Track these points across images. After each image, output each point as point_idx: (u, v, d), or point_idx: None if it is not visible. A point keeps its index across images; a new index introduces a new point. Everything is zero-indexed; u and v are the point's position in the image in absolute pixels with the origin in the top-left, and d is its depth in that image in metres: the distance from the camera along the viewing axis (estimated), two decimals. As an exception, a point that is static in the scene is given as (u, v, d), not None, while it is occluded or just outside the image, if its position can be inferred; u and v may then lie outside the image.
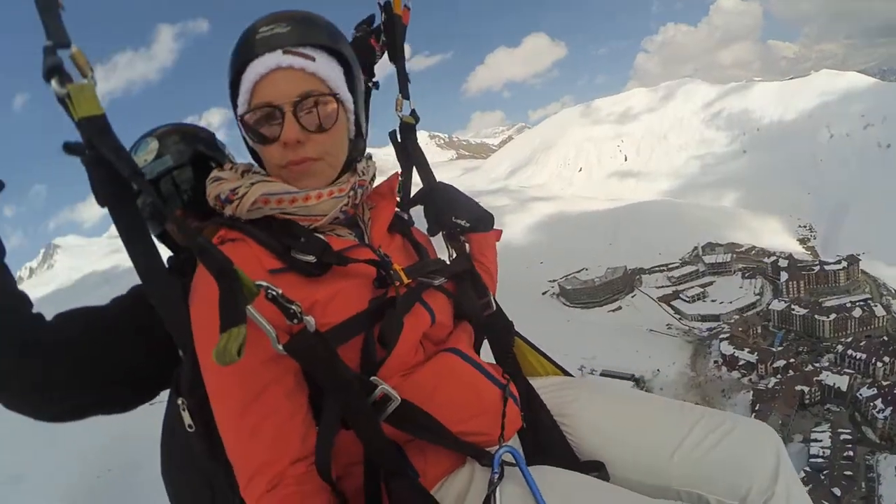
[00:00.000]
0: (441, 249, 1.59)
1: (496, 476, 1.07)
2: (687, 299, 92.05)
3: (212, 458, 1.07)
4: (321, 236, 1.18)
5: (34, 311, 1.23)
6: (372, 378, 1.09)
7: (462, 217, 1.57)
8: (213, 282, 0.91)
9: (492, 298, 1.51)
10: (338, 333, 1.09)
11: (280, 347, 0.98)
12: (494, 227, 1.70)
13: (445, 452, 1.19)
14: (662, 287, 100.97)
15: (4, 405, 1.20)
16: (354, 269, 1.17)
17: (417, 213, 1.63)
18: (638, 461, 1.33)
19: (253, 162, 1.30)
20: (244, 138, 1.23)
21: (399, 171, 1.58)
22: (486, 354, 1.45)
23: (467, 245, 1.63)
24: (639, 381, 70.59)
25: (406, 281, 1.22)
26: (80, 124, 0.97)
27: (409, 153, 1.65)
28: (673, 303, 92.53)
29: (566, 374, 1.66)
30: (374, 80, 1.54)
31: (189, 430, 1.12)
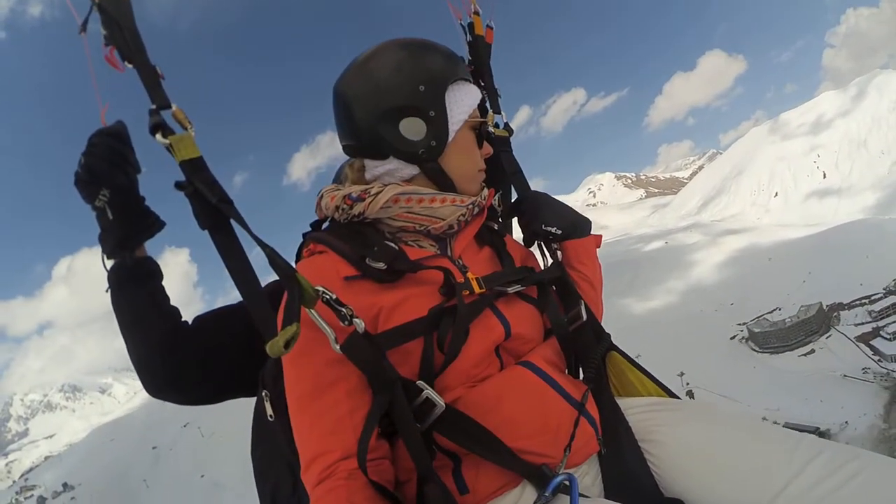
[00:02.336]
0: (541, 261, 1.57)
1: (543, 500, 1.03)
2: (888, 336, 78.41)
3: (291, 446, 1.16)
4: (396, 246, 1.25)
5: (180, 319, 1.49)
6: (418, 382, 1.12)
7: (552, 224, 1.53)
8: None
9: (583, 308, 1.42)
10: (389, 337, 1.15)
11: (337, 347, 1.05)
12: (593, 233, 1.61)
13: (499, 470, 1.13)
14: (862, 324, 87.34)
15: (151, 393, 1.46)
16: (425, 276, 1.22)
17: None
18: (730, 502, 1.08)
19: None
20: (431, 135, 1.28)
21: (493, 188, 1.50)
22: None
23: (560, 253, 1.58)
24: (823, 435, 65.42)
25: (478, 290, 1.24)
26: (181, 165, 1.17)
27: (504, 167, 1.67)
28: (872, 342, 79.79)
29: (671, 395, 1.43)
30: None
31: (270, 419, 1.24)
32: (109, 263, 1.40)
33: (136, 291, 1.40)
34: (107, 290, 1.39)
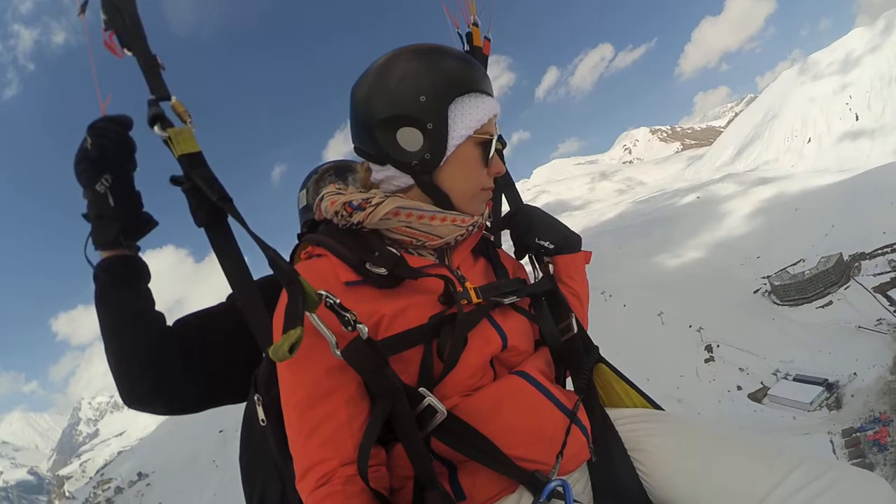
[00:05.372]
0: (531, 274, 1.61)
1: None
2: (905, 287, 75.64)
3: (281, 452, 1.14)
4: (397, 252, 1.24)
5: (165, 325, 1.41)
6: (420, 389, 1.12)
7: (546, 238, 1.56)
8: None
9: (573, 321, 1.46)
10: (391, 344, 1.14)
11: (338, 353, 1.04)
12: (584, 248, 1.65)
13: (496, 476, 1.16)
14: (881, 274, 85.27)
15: (131, 402, 1.37)
16: (426, 285, 1.23)
17: (508, 238, 1.68)
18: None
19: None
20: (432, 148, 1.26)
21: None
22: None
23: (551, 267, 1.60)
24: (832, 387, 66.45)
25: (475, 300, 1.25)
26: (179, 160, 1.14)
27: (496, 179, 1.58)
28: (890, 292, 77.89)
29: (656, 406, 1.49)
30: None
31: (262, 424, 1.20)
32: (96, 256, 1.32)
33: (130, 292, 1.35)
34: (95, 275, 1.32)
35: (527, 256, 1.64)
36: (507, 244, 1.72)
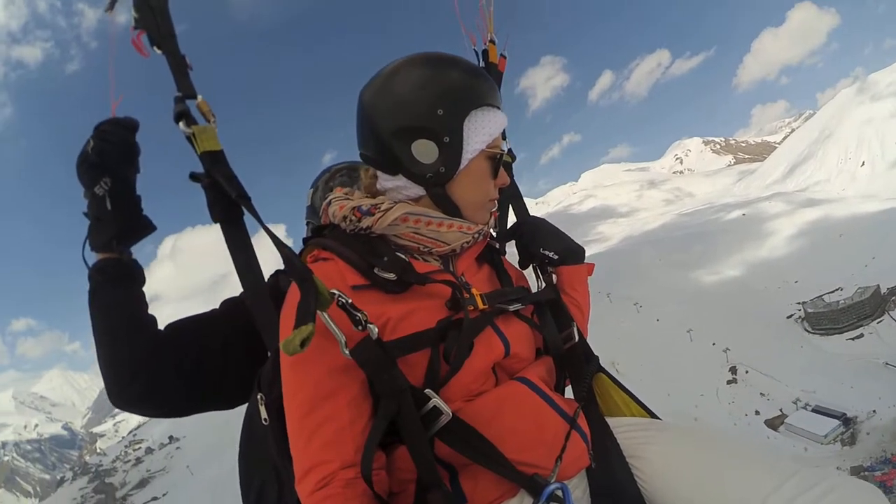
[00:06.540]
0: (533, 283, 1.60)
1: None
2: (938, 327, 73.60)
3: (281, 452, 1.14)
4: (405, 258, 1.26)
5: (157, 329, 1.39)
6: (425, 390, 1.12)
7: (550, 249, 1.57)
8: (297, 290, 1.03)
9: (575, 330, 1.46)
10: (399, 345, 1.15)
11: (347, 352, 1.05)
12: (587, 261, 1.65)
13: (497, 480, 1.16)
14: None
15: (120, 404, 1.36)
16: (432, 290, 1.24)
17: (513, 248, 1.69)
18: None
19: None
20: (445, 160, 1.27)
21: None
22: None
23: (555, 277, 1.62)
24: (849, 422, 66.10)
25: (481, 306, 1.27)
26: (201, 157, 1.17)
27: (504, 189, 1.59)
28: None
29: (653, 416, 1.50)
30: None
31: (264, 423, 1.20)
32: (93, 258, 1.33)
33: (123, 294, 1.35)
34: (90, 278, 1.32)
35: (531, 267, 1.65)
36: (512, 255, 1.72)
